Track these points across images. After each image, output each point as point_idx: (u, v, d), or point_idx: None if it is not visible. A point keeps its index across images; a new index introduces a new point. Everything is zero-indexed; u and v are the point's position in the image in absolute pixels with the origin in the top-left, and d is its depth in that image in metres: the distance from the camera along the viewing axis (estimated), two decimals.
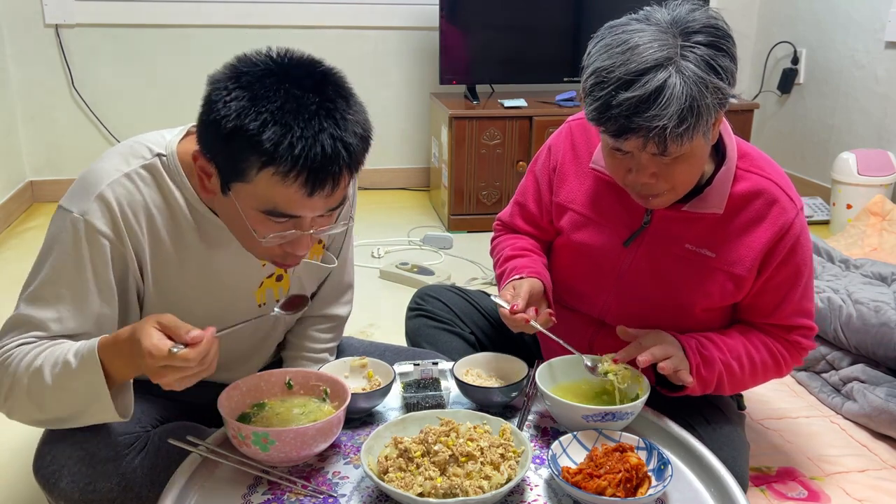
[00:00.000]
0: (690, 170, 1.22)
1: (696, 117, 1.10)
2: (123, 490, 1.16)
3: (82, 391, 1.06)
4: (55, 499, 1.17)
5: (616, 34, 1.16)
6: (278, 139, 0.98)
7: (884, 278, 2.22)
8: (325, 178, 1.01)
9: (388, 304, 2.52)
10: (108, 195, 1.13)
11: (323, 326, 1.48)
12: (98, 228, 1.12)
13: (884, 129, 3.30)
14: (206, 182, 1.10)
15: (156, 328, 0.99)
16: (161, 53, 3.48)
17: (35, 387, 1.07)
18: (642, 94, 1.09)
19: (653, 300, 1.36)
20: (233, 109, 0.99)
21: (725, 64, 1.13)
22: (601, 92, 1.12)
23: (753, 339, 1.36)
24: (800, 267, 1.33)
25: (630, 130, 1.12)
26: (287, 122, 0.98)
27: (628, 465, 1.07)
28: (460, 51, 3.44)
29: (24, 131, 3.46)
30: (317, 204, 1.05)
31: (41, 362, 1.07)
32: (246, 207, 1.06)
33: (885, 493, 1.60)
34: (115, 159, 1.17)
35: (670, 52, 1.10)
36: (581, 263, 1.44)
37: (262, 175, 1.01)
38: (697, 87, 1.10)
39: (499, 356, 1.38)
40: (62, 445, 1.16)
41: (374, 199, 3.71)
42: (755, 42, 4.07)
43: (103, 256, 1.13)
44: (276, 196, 1.03)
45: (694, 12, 1.16)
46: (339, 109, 1.02)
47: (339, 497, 1.09)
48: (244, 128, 0.98)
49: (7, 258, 2.89)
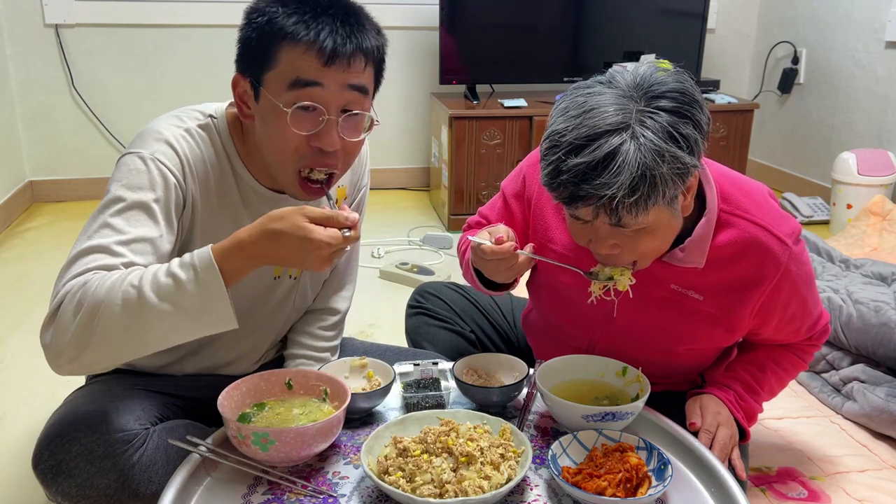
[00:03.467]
0: (654, 242, 1.15)
1: (650, 187, 1.03)
2: (122, 486, 1.16)
3: (197, 304, 1.03)
4: (54, 494, 1.17)
5: (575, 97, 1.09)
6: (300, 22, 1.11)
7: (884, 278, 2.22)
8: (339, 48, 1.11)
9: (388, 304, 2.52)
10: (174, 143, 1.20)
11: (324, 324, 1.49)
12: (168, 166, 1.18)
13: (884, 129, 3.30)
14: (244, 108, 1.19)
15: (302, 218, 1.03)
16: (161, 53, 3.48)
17: (134, 310, 1.02)
18: (591, 161, 1.03)
19: (639, 342, 1.33)
20: (266, 12, 1.13)
21: (687, 132, 1.05)
22: (552, 156, 1.07)
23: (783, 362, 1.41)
24: (803, 294, 1.29)
25: (579, 198, 1.06)
26: (309, 13, 1.12)
27: (628, 465, 1.07)
28: (460, 50, 3.44)
29: (24, 131, 3.47)
30: (336, 76, 1.13)
31: (137, 281, 1.02)
32: (275, 96, 1.13)
33: (886, 493, 1.60)
34: (171, 119, 1.24)
35: (627, 118, 1.04)
36: (563, 304, 1.39)
37: (285, 50, 1.12)
38: (652, 155, 1.02)
39: (499, 356, 1.38)
40: (61, 441, 1.16)
41: (374, 199, 3.68)
42: (755, 42, 4.07)
43: (171, 192, 1.17)
44: (298, 65, 1.12)
45: (661, 75, 1.09)
46: (360, 20, 1.16)
47: (339, 497, 1.09)
48: (272, 22, 1.12)
49: (7, 258, 2.89)
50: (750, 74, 4.12)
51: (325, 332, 1.49)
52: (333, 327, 1.51)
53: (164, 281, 1.03)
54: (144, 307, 1.02)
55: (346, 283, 1.54)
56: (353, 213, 1.05)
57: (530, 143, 3.29)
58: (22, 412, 1.87)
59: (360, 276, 2.82)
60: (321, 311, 1.50)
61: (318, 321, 1.49)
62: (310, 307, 1.50)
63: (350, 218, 1.05)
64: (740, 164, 3.57)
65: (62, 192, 3.56)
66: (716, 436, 1.27)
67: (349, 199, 1.44)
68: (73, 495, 1.15)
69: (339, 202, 1.41)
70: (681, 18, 3.63)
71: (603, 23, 3.61)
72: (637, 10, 3.60)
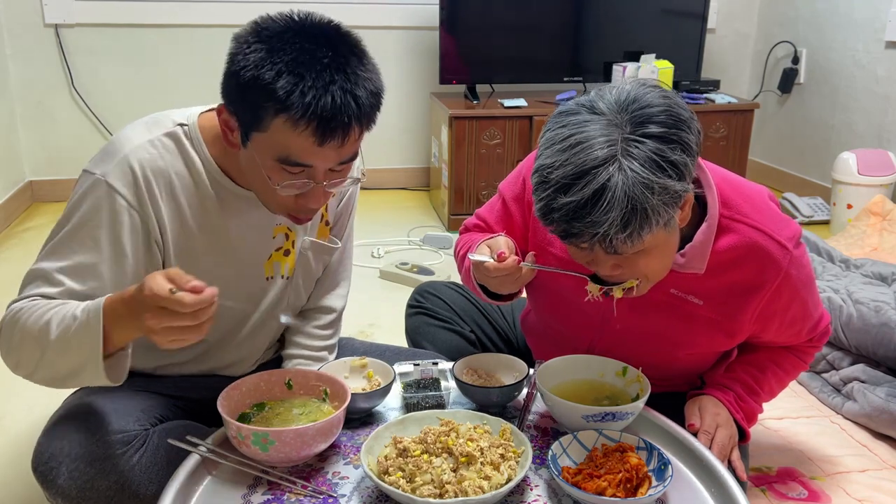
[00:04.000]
0: (655, 261, 1.15)
1: (642, 219, 1.02)
2: (121, 488, 1.16)
3: (80, 349, 1.06)
4: (53, 496, 1.17)
5: (559, 127, 1.07)
6: (291, 87, 1.03)
7: (884, 278, 2.22)
8: (335, 128, 1.06)
9: (388, 304, 2.52)
10: (130, 159, 1.17)
11: (320, 322, 1.49)
12: (117, 189, 1.16)
13: (884, 129, 3.30)
14: (230, 136, 1.15)
15: (161, 275, 1.00)
16: (161, 53, 3.48)
17: (41, 341, 1.08)
18: (580, 199, 1.02)
19: (638, 346, 1.33)
20: (251, 61, 1.05)
21: (675, 158, 1.03)
22: (543, 193, 1.06)
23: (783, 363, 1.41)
24: (804, 297, 1.29)
25: (573, 235, 1.06)
26: (300, 72, 1.04)
27: (628, 465, 1.07)
28: (460, 50, 3.44)
29: (24, 131, 3.46)
30: (328, 154, 1.10)
31: (50, 316, 1.08)
32: (263, 157, 1.11)
33: (886, 493, 1.60)
34: (138, 128, 1.22)
35: (612, 150, 1.02)
36: (562, 309, 1.39)
37: (276, 122, 1.06)
38: (641, 188, 1.01)
39: (499, 356, 1.38)
40: (61, 443, 1.16)
41: (374, 199, 3.71)
42: (755, 42, 4.07)
43: (119, 217, 1.16)
44: (290, 143, 1.07)
45: (648, 94, 1.06)
46: (351, 65, 1.07)
47: (339, 497, 1.09)
48: (260, 77, 1.04)
49: (7, 258, 2.89)
50: (750, 74, 4.12)
51: (322, 331, 1.49)
52: (330, 326, 1.51)
53: (66, 321, 1.07)
54: (48, 343, 1.08)
55: (341, 280, 1.53)
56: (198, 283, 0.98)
57: (530, 142, 3.29)
58: (22, 413, 1.87)
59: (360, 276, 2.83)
60: (316, 310, 1.50)
61: (314, 320, 1.49)
62: (305, 306, 1.49)
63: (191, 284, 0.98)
64: (740, 164, 3.57)
65: (62, 192, 3.56)
66: (714, 436, 1.27)
67: (337, 197, 1.43)
68: (73, 497, 1.15)
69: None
70: (681, 18, 3.63)
71: (603, 23, 3.61)
72: (637, 10, 3.59)
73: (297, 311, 1.49)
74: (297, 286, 1.42)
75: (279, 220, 1.31)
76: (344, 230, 1.47)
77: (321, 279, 1.50)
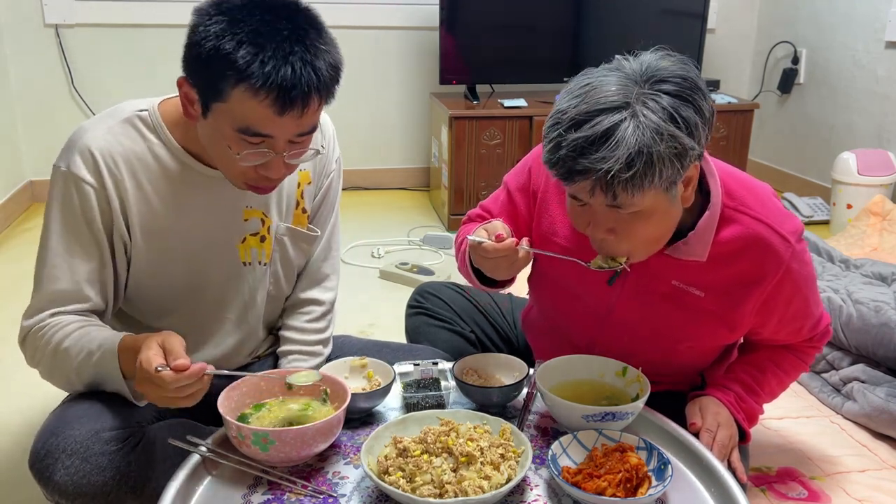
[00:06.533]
0: (650, 229, 1.15)
1: (647, 164, 1.04)
2: (118, 484, 1.16)
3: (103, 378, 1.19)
4: (50, 492, 1.17)
5: (580, 78, 1.11)
6: (251, 57, 1.05)
7: (884, 278, 2.22)
8: (294, 98, 1.07)
9: (388, 304, 2.52)
10: (90, 146, 1.21)
11: (311, 316, 1.48)
12: (81, 177, 1.20)
13: (884, 129, 3.30)
14: (190, 108, 1.16)
15: (157, 343, 1.08)
16: (161, 53, 3.47)
17: (62, 363, 1.20)
18: (590, 135, 1.04)
19: (640, 338, 1.33)
20: (212, 32, 1.06)
21: (687, 114, 1.06)
22: (554, 132, 1.08)
23: (783, 364, 1.41)
24: (805, 293, 1.30)
25: (576, 172, 1.06)
26: (260, 42, 1.05)
27: (628, 465, 1.07)
28: (460, 51, 3.44)
29: (24, 131, 3.46)
30: (288, 124, 1.11)
31: (68, 344, 1.19)
32: (223, 126, 1.12)
33: (886, 493, 1.60)
34: (97, 118, 1.27)
35: (628, 97, 1.05)
36: (564, 299, 1.40)
37: (236, 92, 1.07)
38: (651, 133, 1.03)
39: (499, 356, 1.38)
40: (57, 439, 1.16)
41: (374, 199, 3.71)
42: (755, 42, 4.07)
43: (89, 202, 1.21)
44: (249, 113, 1.09)
45: (666, 61, 1.10)
46: (311, 37, 1.09)
47: (339, 497, 1.09)
48: (221, 48, 1.05)
49: (7, 258, 2.89)
50: (750, 74, 4.12)
51: (314, 325, 1.48)
52: (321, 318, 1.50)
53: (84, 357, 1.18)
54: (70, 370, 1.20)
55: (328, 274, 1.52)
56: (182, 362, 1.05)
57: (530, 142, 3.29)
58: (21, 411, 1.87)
59: (360, 276, 2.83)
60: (305, 303, 1.49)
61: (305, 315, 1.48)
62: (293, 301, 1.49)
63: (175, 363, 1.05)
64: (740, 164, 3.57)
65: None
66: (715, 435, 1.27)
67: (314, 185, 1.42)
68: (69, 493, 1.15)
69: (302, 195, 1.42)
70: (681, 18, 3.63)
71: (603, 23, 3.61)
72: (637, 10, 3.59)
73: (281, 302, 1.49)
74: (277, 273, 1.42)
75: (249, 202, 1.32)
76: (327, 223, 1.47)
77: (306, 272, 1.49)
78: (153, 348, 1.07)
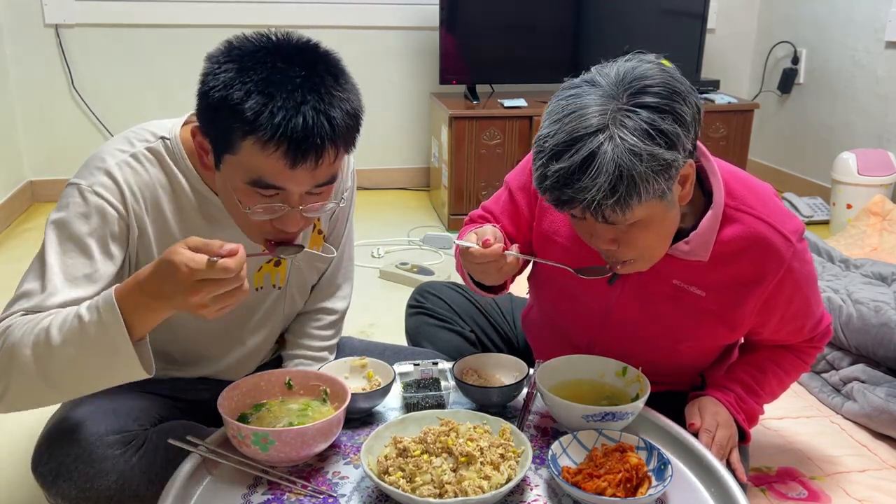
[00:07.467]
0: (651, 234, 1.15)
1: (630, 186, 1.04)
2: (121, 488, 1.16)
3: (99, 347, 1.00)
4: (53, 497, 1.17)
5: (560, 99, 1.10)
6: (259, 108, 0.99)
7: (884, 278, 2.22)
8: (307, 150, 1.02)
9: (388, 304, 2.52)
10: (115, 172, 1.15)
11: (321, 323, 1.49)
12: (106, 198, 1.14)
13: (884, 129, 3.30)
14: (205, 158, 1.12)
15: (184, 248, 0.95)
16: (161, 53, 3.48)
17: (42, 352, 1.01)
18: (570, 166, 1.04)
19: (640, 338, 1.33)
20: (220, 80, 1.01)
21: (666, 127, 1.04)
22: (538, 161, 1.09)
23: (784, 364, 1.41)
24: (805, 293, 1.30)
25: (563, 202, 1.08)
26: (270, 91, 1.00)
27: (628, 465, 1.07)
28: (460, 50, 3.44)
29: (24, 131, 3.46)
30: (301, 177, 1.05)
31: (47, 324, 1.02)
32: (235, 180, 1.07)
33: (886, 493, 1.60)
34: (119, 142, 1.20)
35: (605, 119, 1.04)
36: (564, 299, 1.40)
37: (245, 144, 1.02)
38: (628, 155, 1.03)
39: (499, 356, 1.38)
40: (60, 443, 1.16)
41: (374, 199, 3.71)
42: (755, 42, 4.07)
43: (111, 225, 1.14)
44: (260, 166, 1.03)
45: (647, 68, 1.09)
46: (326, 84, 1.03)
47: (339, 497, 1.09)
48: (229, 98, 1.00)
49: (7, 258, 2.89)
50: (750, 74, 4.12)
51: (323, 332, 1.49)
52: (331, 326, 1.50)
53: (71, 323, 1.01)
54: (52, 350, 1.00)
55: (341, 284, 1.52)
56: (232, 245, 0.96)
57: (530, 142, 3.29)
58: (21, 414, 1.86)
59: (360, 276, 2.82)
60: (318, 312, 1.49)
61: (315, 321, 1.48)
62: (307, 308, 1.49)
63: (227, 248, 0.95)
64: (740, 164, 3.56)
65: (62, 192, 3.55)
66: (714, 436, 1.27)
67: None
68: (72, 497, 1.15)
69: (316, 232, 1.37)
70: (681, 18, 3.63)
71: (603, 23, 3.61)
72: (637, 10, 3.59)
73: (291, 319, 1.47)
74: (292, 296, 1.41)
75: None
76: (341, 238, 1.46)
77: (319, 285, 1.49)
78: (184, 252, 0.94)
